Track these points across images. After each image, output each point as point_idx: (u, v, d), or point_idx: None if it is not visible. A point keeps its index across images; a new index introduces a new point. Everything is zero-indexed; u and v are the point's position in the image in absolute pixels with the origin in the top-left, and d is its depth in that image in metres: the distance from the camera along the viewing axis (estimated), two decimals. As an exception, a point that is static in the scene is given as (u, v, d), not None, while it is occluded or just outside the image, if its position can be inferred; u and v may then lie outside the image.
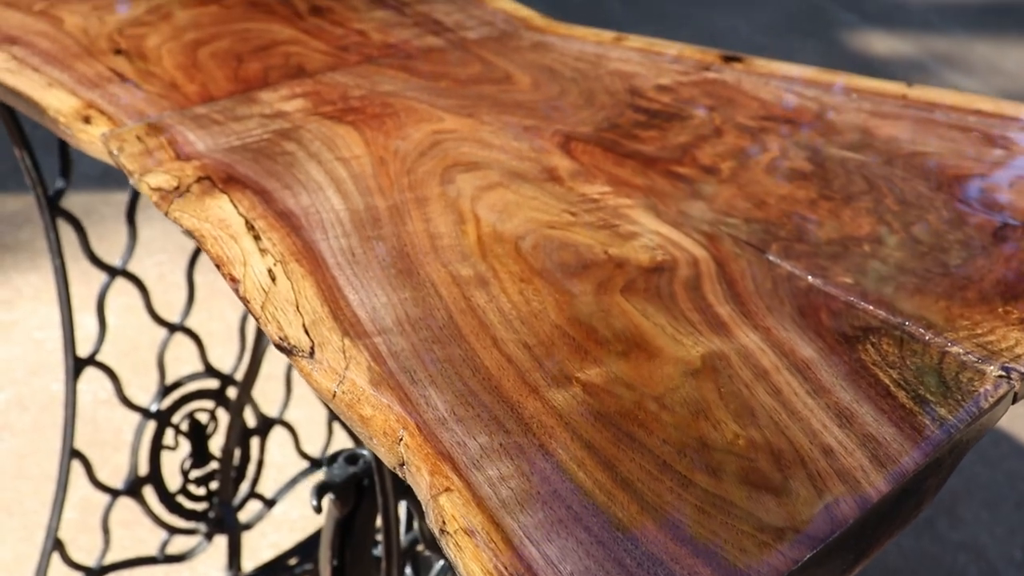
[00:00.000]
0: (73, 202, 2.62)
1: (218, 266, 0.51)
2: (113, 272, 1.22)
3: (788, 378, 0.44)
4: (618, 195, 0.57)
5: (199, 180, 0.59)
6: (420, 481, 0.39)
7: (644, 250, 0.52)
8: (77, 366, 1.23)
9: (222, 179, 0.59)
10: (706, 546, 0.35)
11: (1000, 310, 0.48)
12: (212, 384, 1.39)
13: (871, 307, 0.48)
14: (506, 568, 0.34)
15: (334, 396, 0.43)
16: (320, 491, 0.76)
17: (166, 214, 0.57)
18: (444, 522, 0.37)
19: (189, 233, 0.54)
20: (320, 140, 0.64)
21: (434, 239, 0.53)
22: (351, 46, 0.81)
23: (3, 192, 2.69)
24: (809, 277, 0.50)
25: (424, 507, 0.38)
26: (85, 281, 2.28)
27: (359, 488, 0.79)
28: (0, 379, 1.97)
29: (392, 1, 0.92)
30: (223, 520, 1.42)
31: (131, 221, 1.23)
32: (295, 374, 1.50)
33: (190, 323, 1.31)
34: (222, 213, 0.56)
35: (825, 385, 0.43)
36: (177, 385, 1.33)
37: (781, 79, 0.73)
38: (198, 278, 1.33)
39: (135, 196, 1.21)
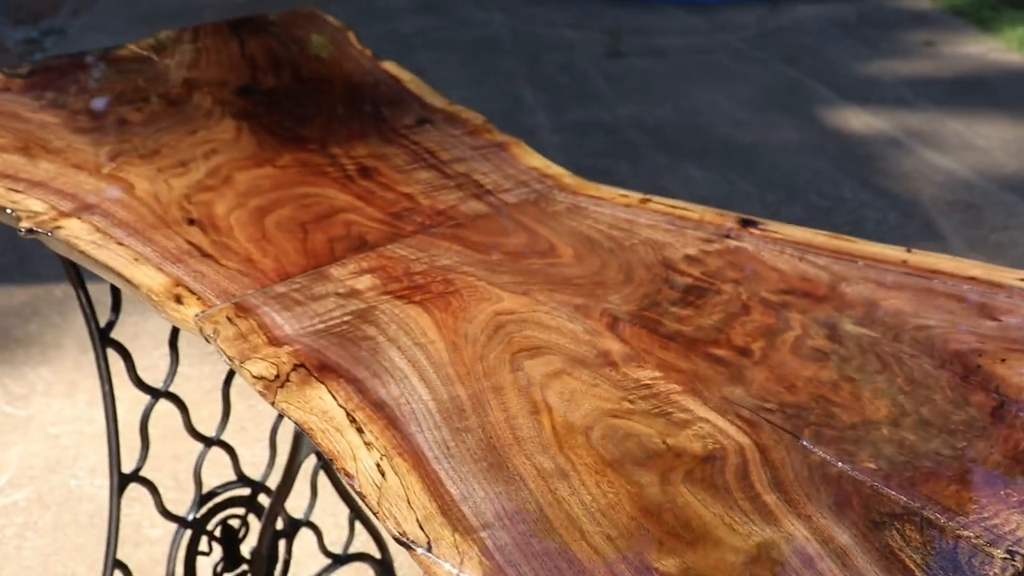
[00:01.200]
0: (82, 293, 2.69)
1: (331, 461, 0.59)
2: (156, 394, 1.29)
3: (830, 565, 0.52)
4: (668, 380, 0.66)
5: (295, 368, 0.68)
6: (535, 671, 0.47)
7: (697, 439, 0.60)
8: (122, 482, 1.29)
9: (316, 367, 0.68)
10: None
11: (1002, 492, 0.57)
12: (244, 492, 1.45)
13: (893, 493, 0.57)
14: None
15: (450, 589, 0.51)
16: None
17: (272, 404, 0.65)
18: None
19: (297, 423, 0.63)
20: (396, 323, 0.72)
21: (515, 430, 0.61)
22: (403, 213, 0.90)
23: (9, 284, 2.75)
24: (839, 463, 0.59)
25: None
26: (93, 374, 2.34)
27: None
28: (19, 477, 2.02)
29: (432, 159, 1.01)
30: (253, 620, 1.48)
31: (173, 347, 1.30)
32: (321, 477, 1.57)
33: (210, 424, 1.38)
34: (323, 405, 0.64)
35: (861, 571, 0.52)
36: (212, 495, 1.40)
37: (794, 247, 0.83)
38: (204, 367, 1.41)
39: (179, 323, 1.29)
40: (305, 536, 1.70)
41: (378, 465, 0.59)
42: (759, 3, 5.49)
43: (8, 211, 0.93)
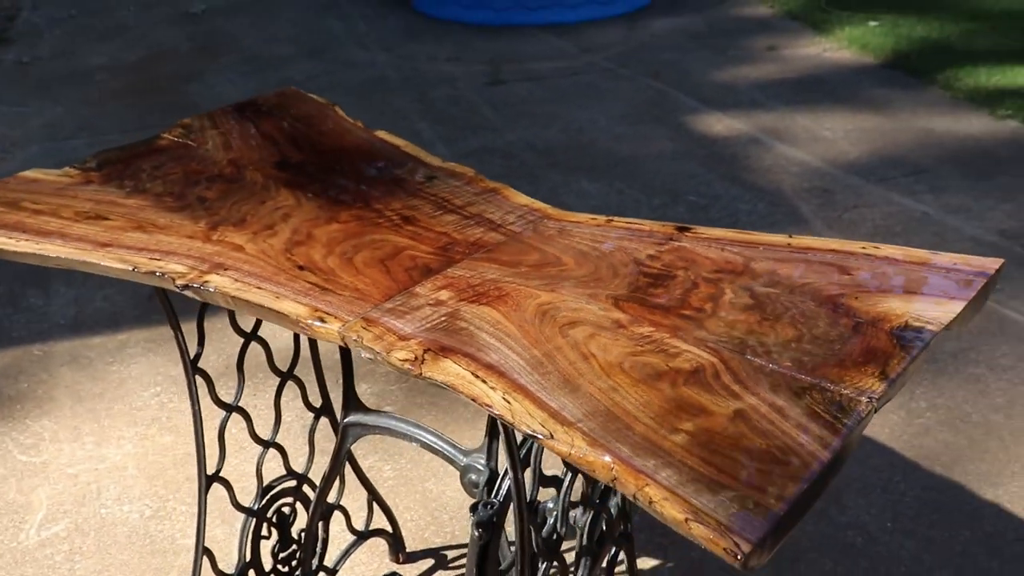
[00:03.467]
0: (60, 350, 2.96)
1: (474, 399, 0.98)
2: (230, 409, 1.64)
3: (776, 417, 0.94)
4: (659, 332, 1.07)
5: (426, 351, 1.06)
6: (628, 485, 0.87)
7: (686, 362, 1.02)
8: (208, 481, 1.64)
9: (439, 349, 1.06)
10: (750, 480, 0.85)
11: (863, 368, 1.00)
12: (292, 484, 1.80)
13: (803, 376, 0.99)
14: (687, 514, 0.83)
15: (570, 455, 0.91)
16: (476, 526, 1.22)
17: (419, 376, 1.03)
18: (651, 500, 0.85)
19: (442, 385, 1.01)
20: (477, 318, 1.12)
21: (577, 370, 1.01)
22: (448, 246, 1.29)
23: (-11, 349, 3.00)
24: (770, 365, 1.01)
25: (633, 495, 0.86)
26: (93, 420, 2.63)
27: (493, 525, 1.25)
28: (53, 513, 2.31)
29: (450, 206, 1.40)
30: (307, 588, 1.83)
31: (240, 370, 1.65)
32: (347, 468, 1.93)
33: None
34: (455, 370, 1.03)
35: (793, 416, 0.94)
36: (269, 488, 1.75)
37: (716, 242, 1.25)
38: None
39: (244, 347, 1.64)
40: (336, 517, 2.05)
41: (504, 398, 0.98)
42: (618, 21, 6.00)
43: (158, 274, 1.28)
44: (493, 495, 1.30)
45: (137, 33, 6.23)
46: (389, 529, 2.06)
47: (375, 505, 2.02)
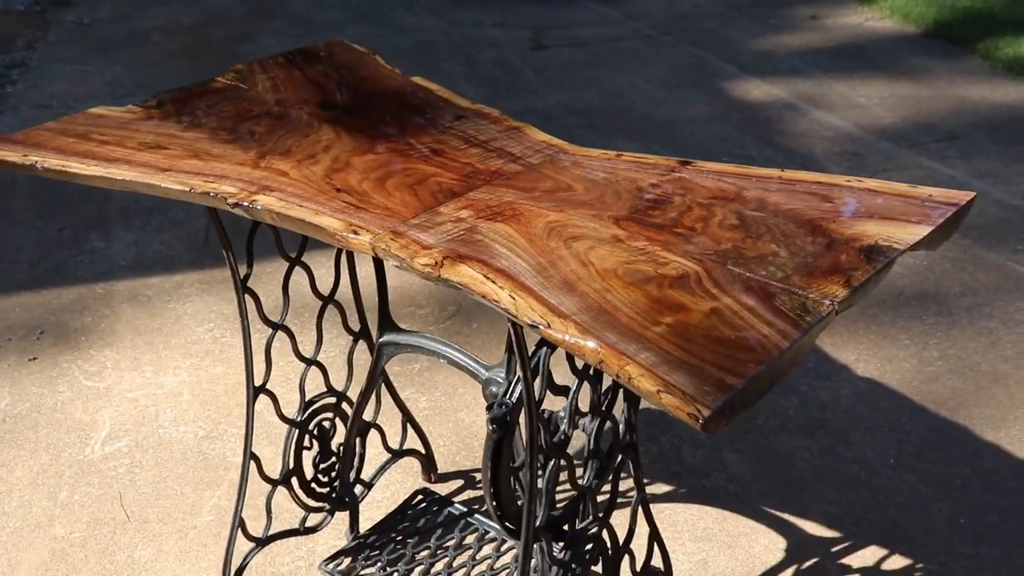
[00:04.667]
0: (121, 288, 3.15)
1: (483, 297, 1.13)
2: (276, 327, 1.79)
3: (746, 314, 1.07)
4: (652, 245, 1.20)
5: (445, 258, 1.20)
6: (612, 365, 1.01)
7: (673, 269, 1.15)
8: (255, 392, 1.80)
9: (456, 257, 1.21)
10: (716, 362, 0.98)
11: (830, 278, 1.13)
12: (331, 400, 1.96)
13: (775, 283, 1.12)
14: (659, 387, 0.97)
15: (563, 341, 1.05)
16: (491, 422, 1.37)
17: (438, 278, 1.18)
18: (630, 377, 0.99)
19: (457, 286, 1.16)
20: (492, 232, 1.26)
21: (576, 274, 1.15)
22: (471, 174, 1.43)
23: (54, 287, 3.20)
24: (748, 274, 1.14)
25: (616, 374, 1.00)
26: (151, 351, 2.82)
27: (506, 422, 1.40)
28: (116, 431, 2.50)
29: (476, 140, 1.54)
30: (343, 498, 2.00)
31: (285, 291, 1.81)
32: (383, 391, 2.09)
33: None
34: (470, 272, 1.17)
35: (762, 314, 1.07)
36: (311, 403, 1.91)
37: (713, 174, 1.38)
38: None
39: (289, 270, 1.79)
40: (372, 438, 2.21)
41: (511, 296, 1.12)
42: (663, -9, 6.08)
43: (211, 194, 1.43)
44: (507, 398, 1.44)
45: (194, -4, 6.42)
46: (422, 450, 2.21)
47: (409, 428, 2.18)
